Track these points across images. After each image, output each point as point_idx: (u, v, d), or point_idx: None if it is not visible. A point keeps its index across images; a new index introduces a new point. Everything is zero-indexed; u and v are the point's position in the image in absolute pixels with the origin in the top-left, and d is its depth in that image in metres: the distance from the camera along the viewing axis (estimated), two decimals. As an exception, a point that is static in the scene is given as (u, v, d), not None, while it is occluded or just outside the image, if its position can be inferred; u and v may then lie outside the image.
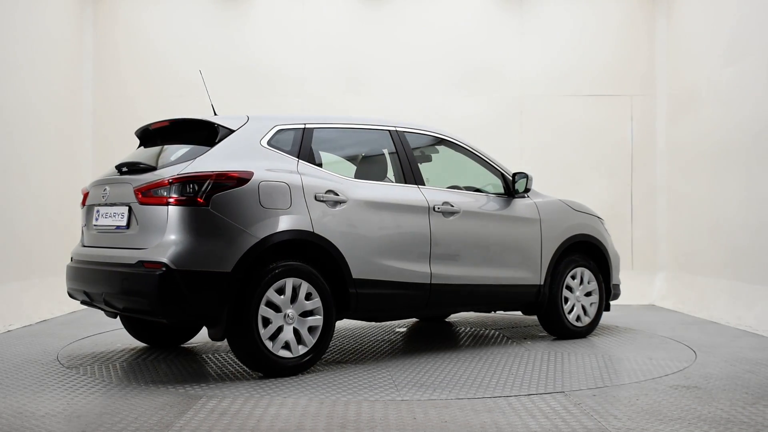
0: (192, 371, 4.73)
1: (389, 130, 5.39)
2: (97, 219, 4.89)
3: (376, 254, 4.89)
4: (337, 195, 4.78)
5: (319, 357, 4.68)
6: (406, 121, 5.65)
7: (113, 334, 6.23)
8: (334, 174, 4.91)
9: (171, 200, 4.32)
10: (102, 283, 4.63)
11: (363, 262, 4.82)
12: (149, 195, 4.41)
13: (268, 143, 4.75)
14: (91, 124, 9.31)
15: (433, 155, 5.88)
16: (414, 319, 7.16)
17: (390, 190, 5.15)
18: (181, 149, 4.78)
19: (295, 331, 4.55)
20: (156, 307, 4.25)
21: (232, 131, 4.70)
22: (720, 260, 7.80)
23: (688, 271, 8.60)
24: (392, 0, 9.46)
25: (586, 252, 6.20)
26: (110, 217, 4.74)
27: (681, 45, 8.99)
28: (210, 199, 4.32)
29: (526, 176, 5.76)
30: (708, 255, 8.08)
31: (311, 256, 4.70)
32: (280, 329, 4.49)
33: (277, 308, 4.48)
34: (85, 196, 5.18)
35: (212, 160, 4.48)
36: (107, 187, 4.83)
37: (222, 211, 4.33)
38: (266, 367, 4.47)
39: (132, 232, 4.52)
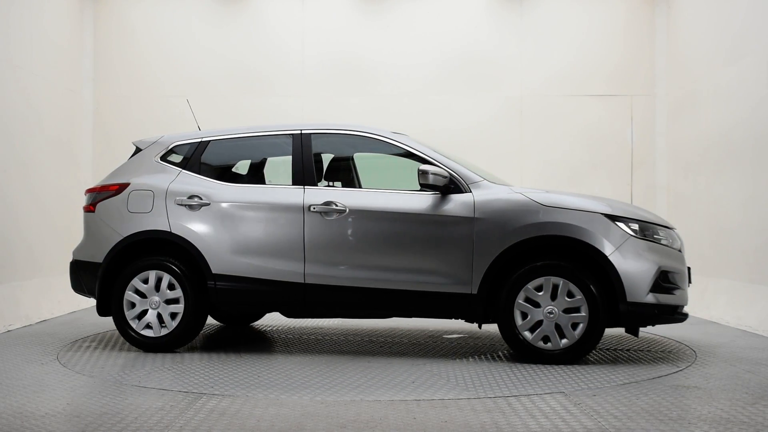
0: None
1: (293, 134, 5.53)
2: None
3: (238, 252, 5.31)
4: (201, 198, 5.41)
5: (186, 339, 5.41)
6: (323, 123, 5.60)
7: (113, 334, 6.23)
8: (209, 180, 5.51)
9: (84, 207, 5.78)
10: None
11: (223, 258, 5.32)
12: (85, 203, 5.78)
13: (161, 158, 5.68)
14: (91, 124, 9.32)
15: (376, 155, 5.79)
16: (463, 328, 7.14)
17: (258, 192, 5.41)
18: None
19: (159, 315, 5.39)
20: (72, 285, 5.79)
21: (140, 150, 5.80)
22: (720, 260, 7.80)
23: (688, 271, 8.59)
24: (392, 0, 9.47)
25: (577, 258, 5.01)
26: None
27: (681, 45, 9.00)
28: (96, 206, 5.62)
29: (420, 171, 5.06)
30: (708, 255, 8.08)
31: (174, 252, 5.49)
32: (144, 312, 5.41)
33: (142, 294, 5.41)
34: None
35: (114, 175, 5.75)
36: None
37: (102, 215, 5.59)
38: (133, 342, 5.42)
39: None
